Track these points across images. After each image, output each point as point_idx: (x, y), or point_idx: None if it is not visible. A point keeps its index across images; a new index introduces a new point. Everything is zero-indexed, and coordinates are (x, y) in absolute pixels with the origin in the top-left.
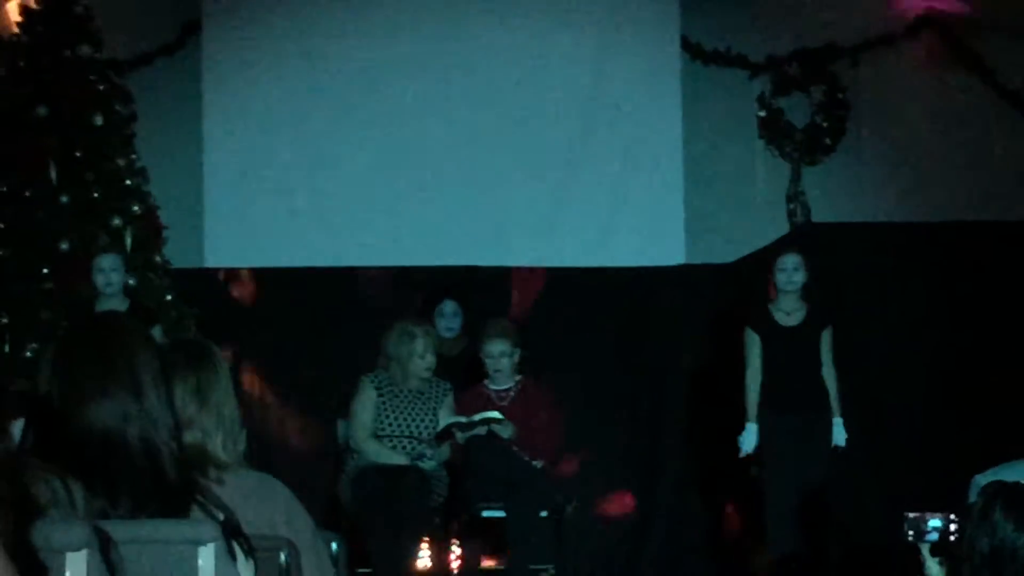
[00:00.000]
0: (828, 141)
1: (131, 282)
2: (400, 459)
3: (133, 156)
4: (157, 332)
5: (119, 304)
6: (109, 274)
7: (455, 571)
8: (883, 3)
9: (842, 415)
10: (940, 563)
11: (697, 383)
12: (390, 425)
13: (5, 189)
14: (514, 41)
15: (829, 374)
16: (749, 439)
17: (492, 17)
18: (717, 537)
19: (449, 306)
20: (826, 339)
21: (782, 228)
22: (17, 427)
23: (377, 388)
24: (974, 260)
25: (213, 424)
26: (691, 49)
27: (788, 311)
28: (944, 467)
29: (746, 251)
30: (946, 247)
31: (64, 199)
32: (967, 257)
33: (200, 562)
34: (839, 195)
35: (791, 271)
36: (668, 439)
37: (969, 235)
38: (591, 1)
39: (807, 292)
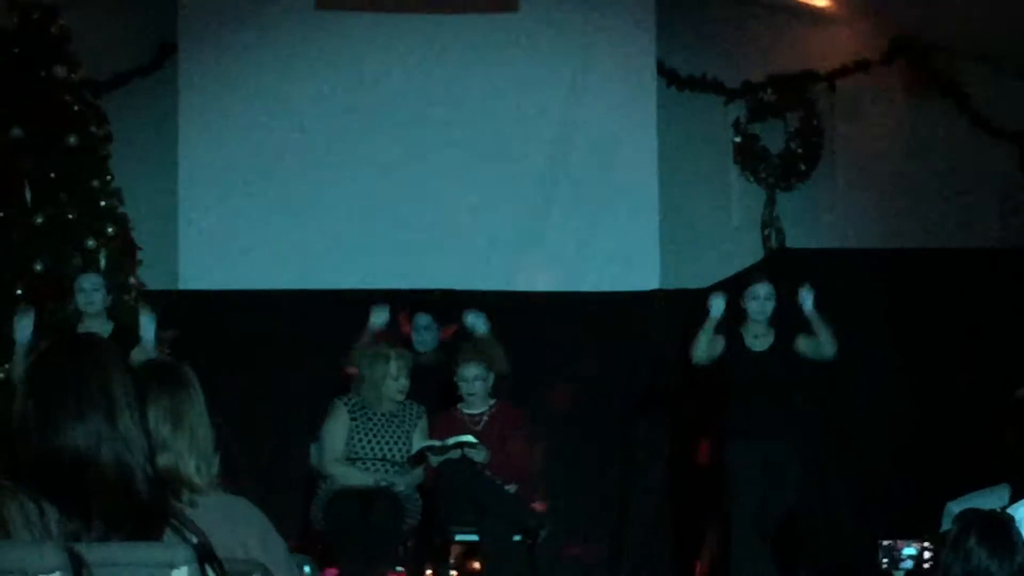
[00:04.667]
0: (803, 167)
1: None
2: (367, 479)
3: (108, 177)
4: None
5: (102, 325)
6: (91, 294)
7: None
8: (858, 30)
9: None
10: None
11: (671, 407)
12: (363, 448)
13: None
14: (491, 65)
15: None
16: (718, 303)
17: (469, 43)
18: (690, 563)
19: (422, 319)
20: (801, 340)
21: (756, 253)
22: None
23: (350, 411)
24: (948, 286)
25: (187, 447)
26: (667, 75)
27: (757, 335)
28: (916, 494)
29: (720, 276)
30: (920, 273)
31: (38, 220)
32: (940, 283)
33: None
34: (813, 221)
35: (763, 300)
36: (641, 466)
37: (943, 262)
38: (567, 27)
39: (775, 318)
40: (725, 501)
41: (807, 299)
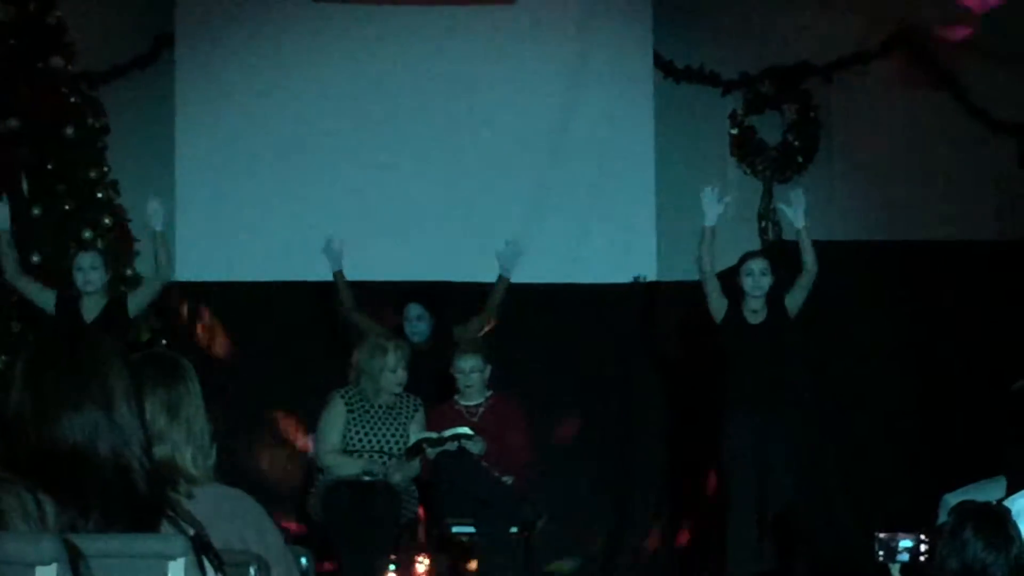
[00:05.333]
0: (800, 159)
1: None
2: (357, 466)
3: (105, 168)
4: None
5: (99, 302)
6: (88, 272)
7: None
8: (856, 22)
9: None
10: None
11: (668, 399)
12: (360, 440)
13: None
14: (487, 56)
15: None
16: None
17: (466, 36)
18: (684, 557)
19: (414, 309)
20: (788, 297)
21: (753, 246)
22: None
23: (347, 403)
24: (945, 279)
25: (183, 438)
26: (664, 66)
27: (755, 310)
28: (913, 487)
29: (718, 268)
30: (917, 266)
31: (35, 211)
32: (938, 276)
33: None
34: (810, 213)
35: (758, 275)
36: (639, 459)
37: (940, 254)
38: (564, 19)
39: (770, 294)
40: (722, 479)
41: (798, 211)
